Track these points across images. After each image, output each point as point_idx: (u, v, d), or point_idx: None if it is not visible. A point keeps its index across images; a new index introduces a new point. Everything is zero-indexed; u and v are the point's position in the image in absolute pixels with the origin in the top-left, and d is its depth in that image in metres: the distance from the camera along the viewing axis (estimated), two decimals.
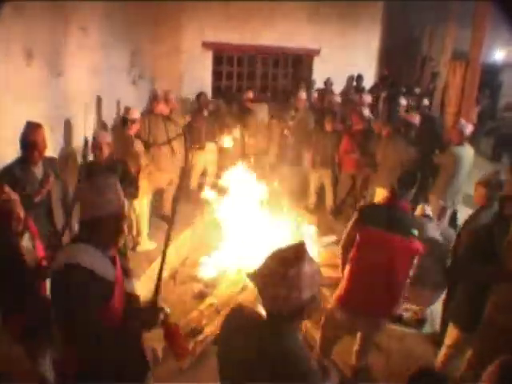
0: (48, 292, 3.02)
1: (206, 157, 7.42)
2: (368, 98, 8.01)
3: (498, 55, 11.17)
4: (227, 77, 9.91)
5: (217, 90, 9.67)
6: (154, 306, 2.29)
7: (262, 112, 8.06)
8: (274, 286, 1.71)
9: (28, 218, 3.09)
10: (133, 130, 5.71)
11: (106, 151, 4.62)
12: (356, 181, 7.02)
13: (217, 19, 9.09)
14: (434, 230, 4.38)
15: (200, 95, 7.41)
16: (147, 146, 6.20)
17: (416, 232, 3.30)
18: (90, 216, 2.15)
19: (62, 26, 5.52)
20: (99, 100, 6.35)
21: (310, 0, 9.33)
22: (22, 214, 2.94)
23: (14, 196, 2.93)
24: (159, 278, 2.37)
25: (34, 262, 3.03)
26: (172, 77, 8.96)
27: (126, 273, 2.36)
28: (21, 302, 2.93)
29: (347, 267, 3.51)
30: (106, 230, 2.19)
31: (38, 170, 3.91)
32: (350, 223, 3.56)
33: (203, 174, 7.67)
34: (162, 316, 2.27)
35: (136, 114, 5.78)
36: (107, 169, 4.55)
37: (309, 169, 7.40)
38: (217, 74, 9.77)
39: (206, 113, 7.28)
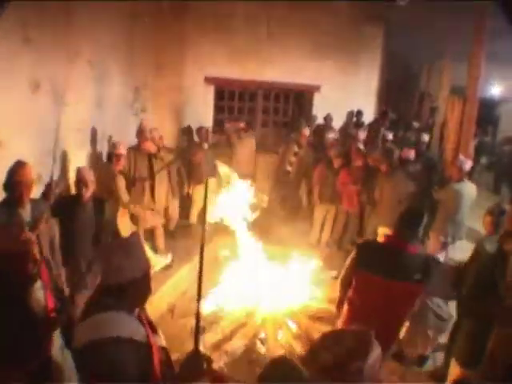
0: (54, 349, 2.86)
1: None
2: (363, 134, 8.12)
3: (495, 90, 11.36)
4: (229, 111, 10.05)
5: (218, 124, 9.79)
6: (196, 354, 2.04)
7: (248, 141, 8.16)
8: (332, 376, 1.56)
9: (42, 264, 2.89)
10: (118, 165, 5.69)
11: (91, 188, 4.42)
12: (354, 217, 7.04)
13: (219, 55, 9.29)
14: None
15: (200, 129, 7.48)
16: (130, 182, 6.12)
17: (420, 276, 3.11)
18: (117, 280, 1.97)
19: (69, 58, 5.67)
20: (94, 132, 6.42)
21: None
22: (38, 256, 2.77)
23: (32, 236, 2.78)
24: (197, 325, 2.17)
25: (43, 311, 2.81)
26: (174, 110, 9.11)
27: (152, 327, 2.18)
28: (29, 348, 2.72)
29: (345, 306, 3.41)
30: (135, 292, 2.02)
31: (26, 213, 3.61)
32: (349, 260, 3.43)
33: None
34: (205, 364, 2.02)
35: (122, 150, 5.76)
36: (93, 207, 4.39)
37: (315, 204, 7.41)
38: (218, 109, 9.92)
39: (205, 146, 7.29)
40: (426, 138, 8.35)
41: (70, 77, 5.66)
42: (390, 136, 8.18)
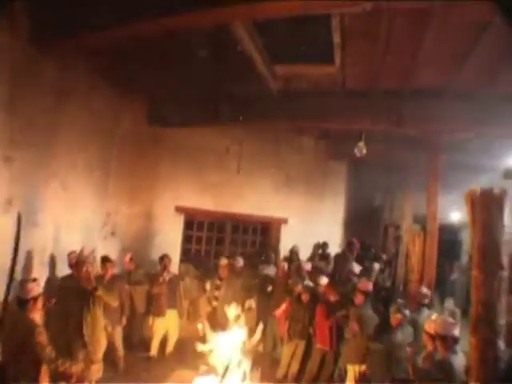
0: None
1: (167, 324, 7.19)
2: (308, 266, 8.14)
3: (455, 216, 11.74)
4: (197, 241, 10.13)
5: (186, 253, 9.80)
6: None
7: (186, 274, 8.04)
8: None
9: None
10: (35, 310, 4.35)
11: None
12: (329, 356, 6.80)
13: (191, 185, 9.62)
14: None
15: (163, 257, 7.41)
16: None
17: None
18: None
19: (44, 179, 5.88)
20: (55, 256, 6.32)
21: None
22: None
23: None
24: None
25: None
26: (143, 237, 9.11)
27: None
28: None
29: None
30: None
31: None
32: None
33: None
34: None
35: (35, 290, 4.38)
36: None
37: (284, 340, 7.22)
38: (187, 238, 9.99)
39: (167, 277, 7.19)
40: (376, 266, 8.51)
41: (44, 198, 5.78)
42: (357, 269, 8.25)
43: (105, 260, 6.52)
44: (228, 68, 6.51)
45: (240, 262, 8.09)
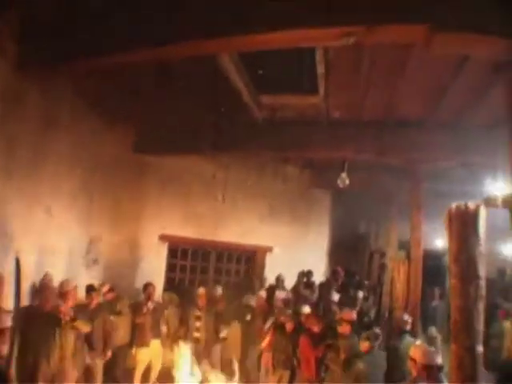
0: None
1: (150, 354, 7.04)
2: (282, 295, 8.13)
3: (439, 242, 11.80)
4: (181, 270, 10.04)
5: (170, 282, 9.69)
6: None
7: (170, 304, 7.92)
8: None
9: None
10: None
11: None
12: None
13: (175, 213, 9.60)
14: None
15: (147, 286, 7.29)
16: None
17: None
18: None
19: (27, 205, 5.76)
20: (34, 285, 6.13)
21: None
22: None
23: None
24: None
25: None
26: (127, 266, 8.98)
27: None
28: None
29: None
30: None
31: None
32: None
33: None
34: None
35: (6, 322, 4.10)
36: None
37: (268, 371, 7.08)
38: (171, 266, 9.91)
39: (151, 306, 7.07)
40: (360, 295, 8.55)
41: (26, 223, 5.69)
42: (336, 297, 8.25)
43: (90, 289, 6.44)
44: (214, 97, 6.59)
45: (218, 290, 8.00)
